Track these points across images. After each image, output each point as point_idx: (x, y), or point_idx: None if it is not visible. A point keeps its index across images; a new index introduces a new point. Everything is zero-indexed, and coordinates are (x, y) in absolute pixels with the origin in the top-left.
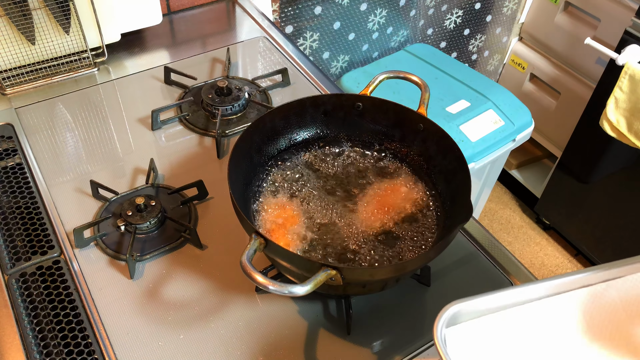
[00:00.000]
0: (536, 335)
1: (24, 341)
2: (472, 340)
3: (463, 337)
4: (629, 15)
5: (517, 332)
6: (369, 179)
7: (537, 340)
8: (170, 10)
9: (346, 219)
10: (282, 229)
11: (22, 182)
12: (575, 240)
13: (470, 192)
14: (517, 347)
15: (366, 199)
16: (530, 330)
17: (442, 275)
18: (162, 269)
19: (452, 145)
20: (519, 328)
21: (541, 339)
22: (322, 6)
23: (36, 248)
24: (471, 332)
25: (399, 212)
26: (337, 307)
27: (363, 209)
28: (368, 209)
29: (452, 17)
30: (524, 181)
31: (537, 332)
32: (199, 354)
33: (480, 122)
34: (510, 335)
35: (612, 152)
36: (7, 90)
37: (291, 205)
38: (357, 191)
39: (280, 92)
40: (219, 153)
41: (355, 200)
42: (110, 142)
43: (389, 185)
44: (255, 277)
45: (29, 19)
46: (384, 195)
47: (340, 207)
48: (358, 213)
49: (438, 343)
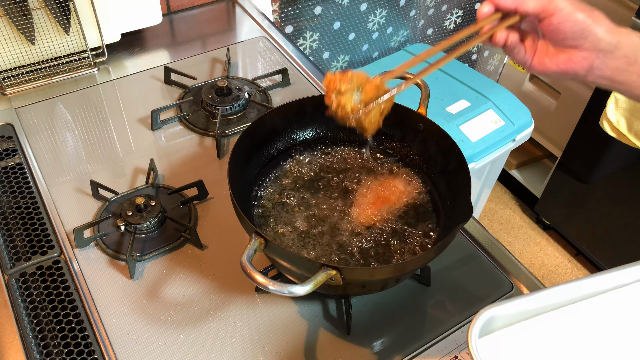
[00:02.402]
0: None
1: (24, 341)
2: (509, 350)
3: (498, 346)
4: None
5: (555, 337)
6: (368, 179)
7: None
8: (170, 10)
9: (346, 219)
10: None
11: (22, 182)
12: (575, 240)
13: (470, 192)
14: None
15: (366, 199)
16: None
17: (442, 275)
18: (162, 269)
19: (452, 145)
20: (557, 333)
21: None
22: (322, 6)
23: (36, 248)
24: (507, 341)
25: (399, 212)
26: (337, 307)
27: (363, 209)
28: (368, 208)
29: (452, 17)
30: (524, 181)
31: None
32: (199, 354)
33: (480, 122)
34: (548, 341)
35: (612, 152)
36: (7, 90)
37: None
38: (357, 191)
39: (280, 92)
40: (219, 153)
41: (355, 200)
42: (110, 142)
43: (389, 186)
44: (255, 277)
45: (29, 19)
46: (383, 195)
47: (339, 207)
48: (357, 213)
49: (473, 353)
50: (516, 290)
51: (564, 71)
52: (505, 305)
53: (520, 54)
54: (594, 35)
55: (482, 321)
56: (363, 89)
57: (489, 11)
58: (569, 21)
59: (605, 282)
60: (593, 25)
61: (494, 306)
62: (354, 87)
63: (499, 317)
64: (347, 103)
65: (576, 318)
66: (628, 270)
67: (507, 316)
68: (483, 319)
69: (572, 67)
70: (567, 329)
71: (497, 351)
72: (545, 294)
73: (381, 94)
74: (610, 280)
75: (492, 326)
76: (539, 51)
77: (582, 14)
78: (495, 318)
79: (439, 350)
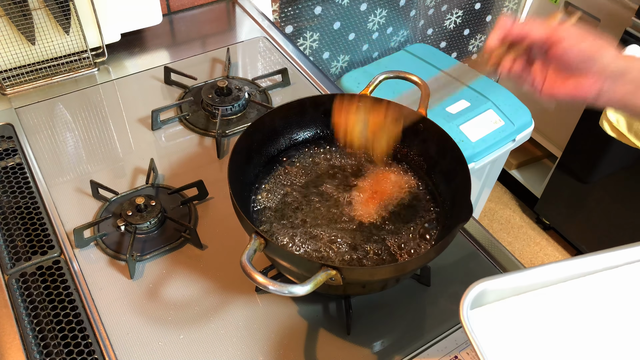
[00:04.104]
0: (564, 317)
1: (24, 341)
2: (499, 322)
3: (489, 318)
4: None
5: (546, 314)
6: (368, 179)
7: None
8: (170, 10)
9: (346, 219)
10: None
11: (22, 182)
12: (575, 240)
13: (470, 192)
14: (546, 328)
15: (366, 199)
16: (559, 312)
17: (442, 275)
18: (162, 269)
19: (452, 145)
20: (548, 310)
21: (569, 321)
22: (322, 6)
23: (36, 248)
24: (498, 314)
25: (399, 212)
26: (337, 307)
27: (363, 209)
28: (368, 208)
29: (452, 17)
30: (524, 181)
31: (565, 314)
32: (199, 354)
33: (480, 122)
34: (539, 317)
35: (612, 152)
36: (7, 90)
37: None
38: (357, 191)
39: (280, 92)
40: (219, 153)
41: (354, 199)
42: (110, 142)
43: (389, 185)
44: (255, 277)
45: (29, 19)
46: (384, 194)
47: (339, 207)
48: (358, 213)
49: (464, 322)
50: None
51: (573, 96)
52: (497, 280)
53: (530, 81)
54: (600, 62)
55: (475, 294)
56: (369, 119)
57: (497, 42)
58: (575, 49)
59: (596, 263)
60: (599, 53)
61: (486, 280)
62: (361, 118)
63: (491, 292)
64: (354, 132)
65: (567, 295)
66: (619, 253)
67: (499, 291)
68: (475, 291)
69: (581, 92)
70: (558, 305)
71: (488, 322)
72: (537, 270)
73: (388, 123)
74: (601, 261)
75: (484, 300)
76: (548, 78)
77: (587, 42)
78: (487, 292)
79: (439, 350)
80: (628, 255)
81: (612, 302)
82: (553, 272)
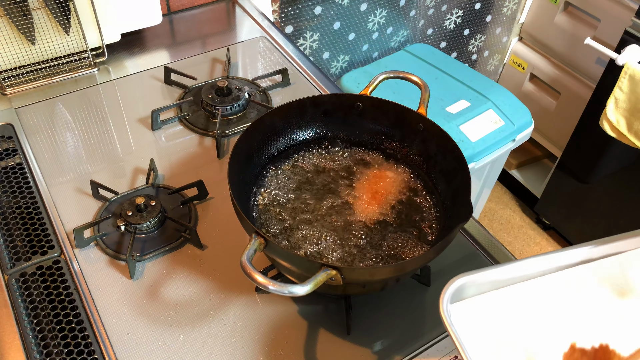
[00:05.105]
0: (543, 310)
1: (24, 341)
2: (479, 315)
3: (469, 312)
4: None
5: (524, 307)
6: (368, 179)
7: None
8: (170, 10)
9: (346, 218)
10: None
11: (22, 182)
12: (575, 240)
13: (470, 192)
14: (525, 321)
15: (366, 199)
16: (536, 305)
17: (442, 275)
18: (162, 269)
19: (452, 145)
20: (525, 303)
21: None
22: (322, 6)
23: (36, 248)
24: (477, 308)
25: (398, 212)
26: (337, 307)
27: (362, 209)
28: (368, 208)
29: (452, 17)
30: (524, 181)
31: (544, 307)
32: (199, 354)
33: (480, 122)
34: (517, 310)
35: (612, 152)
36: (7, 90)
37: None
38: (357, 191)
39: (280, 92)
40: (219, 153)
41: (354, 199)
42: (110, 142)
43: (389, 185)
44: (255, 277)
45: (29, 19)
46: (383, 194)
47: (339, 207)
48: (357, 212)
49: (444, 315)
50: None
51: None
52: (477, 275)
53: None
54: None
55: (454, 288)
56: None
57: None
58: None
59: (574, 256)
60: None
61: (466, 274)
62: None
63: (471, 286)
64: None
65: (545, 289)
66: (596, 247)
67: (479, 285)
68: (455, 286)
69: None
70: (536, 299)
71: (467, 315)
72: (515, 265)
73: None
74: (578, 254)
75: (464, 294)
76: None
77: None
78: (467, 286)
79: (439, 350)
80: (606, 249)
81: (589, 294)
82: (531, 266)
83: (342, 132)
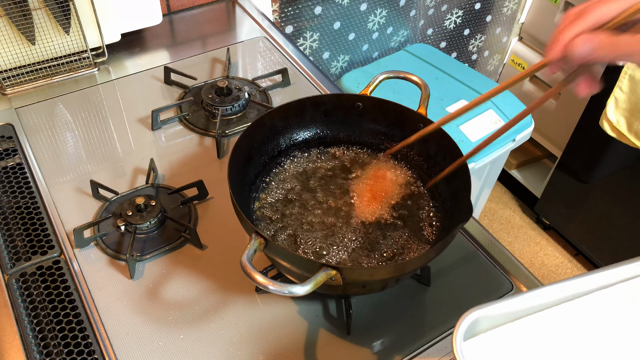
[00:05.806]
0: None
1: (24, 341)
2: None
3: (484, 349)
4: None
5: (543, 339)
6: (368, 179)
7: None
8: (170, 10)
9: (346, 219)
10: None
11: (22, 182)
12: (575, 240)
13: (470, 192)
14: (542, 355)
15: (366, 199)
16: (557, 336)
17: (442, 275)
18: (162, 269)
19: (452, 145)
20: (545, 334)
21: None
22: (322, 6)
23: (36, 248)
24: (493, 344)
25: (398, 212)
26: (337, 307)
27: (362, 209)
28: (368, 208)
29: (452, 17)
30: (524, 181)
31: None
32: (199, 354)
33: (480, 122)
34: (536, 343)
35: (612, 152)
36: (7, 90)
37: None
38: (357, 190)
39: (280, 92)
40: (219, 153)
41: (354, 199)
42: (110, 142)
43: (389, 185)
44: (255, 277)
45: (29, 19)
46: (383, 194)
47: (339, 207)
48: (357, 213)
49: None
50: (516, 290)
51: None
52: (490, 307)
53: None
54: None
55: (467, 323)
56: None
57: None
58: None
59: (591, 282)
60: None
61: (479, 308)
62: None
63: (485, 319)
64: None
65: (562, 319)
66: (613, 271)
67: (493, 317)
68: (468, 321)
69: None
70: (553, 329)
71: (483, 354)
72: (531, 295)
73: None
74: (595, 280)
75: (478, 328)
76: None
77: None
78: (480, 320)
79: (439, 350)
80: (624, 272)
81: (609, 321)
82: (547, 295)
83: (342, 132)
